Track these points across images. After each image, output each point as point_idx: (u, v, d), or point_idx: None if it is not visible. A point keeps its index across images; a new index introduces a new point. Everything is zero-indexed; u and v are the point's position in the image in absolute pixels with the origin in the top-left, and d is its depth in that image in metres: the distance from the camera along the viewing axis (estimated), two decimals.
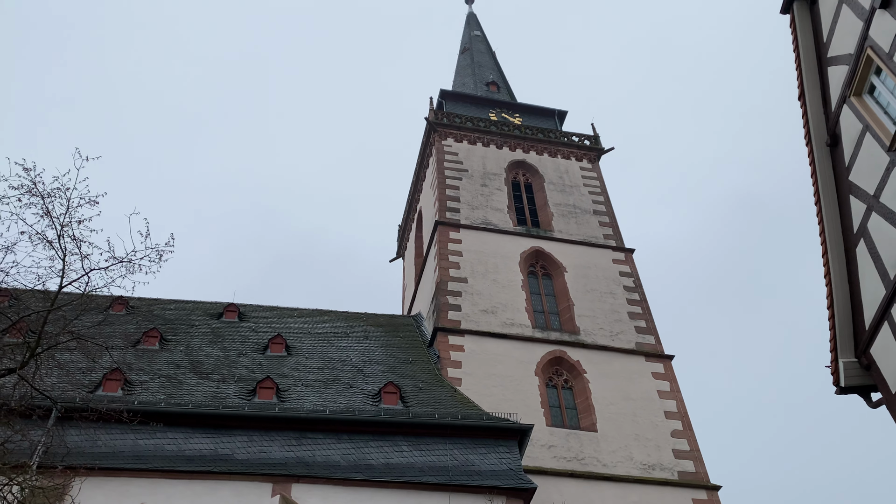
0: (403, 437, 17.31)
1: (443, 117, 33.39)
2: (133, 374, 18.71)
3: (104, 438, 15.45)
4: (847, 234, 10.50)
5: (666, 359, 24.55)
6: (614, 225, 29.87)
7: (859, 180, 10.02)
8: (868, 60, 9.65)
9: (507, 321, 24.52)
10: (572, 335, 24.71)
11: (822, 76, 11.26)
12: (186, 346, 21.50)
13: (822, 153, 11.02)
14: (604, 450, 21.28)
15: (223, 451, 16.20)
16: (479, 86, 39.58)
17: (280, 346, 22.06)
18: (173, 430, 16.17)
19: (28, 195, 10.99)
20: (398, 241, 38.92)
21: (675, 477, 20.99)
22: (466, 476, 16.53)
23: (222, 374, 19.76)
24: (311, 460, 16.34)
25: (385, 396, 18.93)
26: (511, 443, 17.60)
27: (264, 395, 18.26)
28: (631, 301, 26.52)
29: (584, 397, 22.78)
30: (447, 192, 29.49)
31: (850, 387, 10.25)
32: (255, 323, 24.29)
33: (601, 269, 27.58)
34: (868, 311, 9.88)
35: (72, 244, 11.30)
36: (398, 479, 16.20)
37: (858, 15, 9.87)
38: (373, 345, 23.66)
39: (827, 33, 11.04)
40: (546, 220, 29.57)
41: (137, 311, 23.61)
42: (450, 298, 24.79)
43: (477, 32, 45.92)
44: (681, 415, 22.82)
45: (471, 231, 27.85)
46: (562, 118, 37.06)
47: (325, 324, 25.02)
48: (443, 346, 22.99)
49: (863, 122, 9.84)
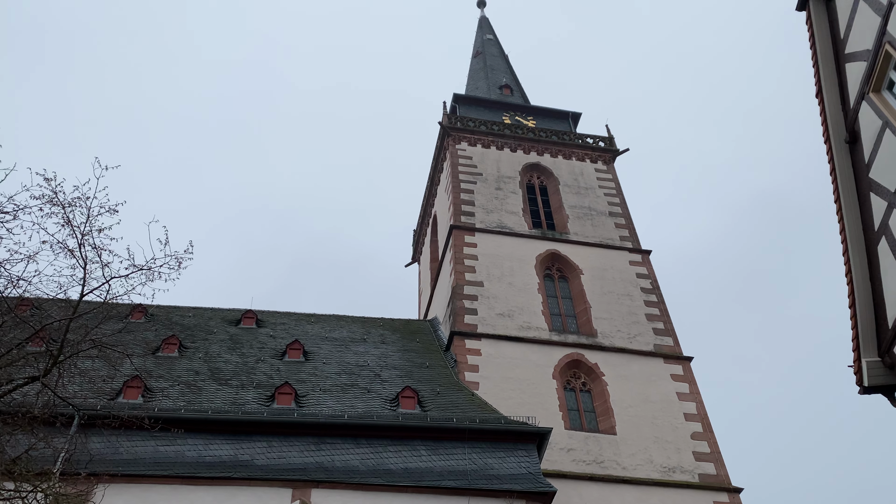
0: (422, 442, 17.31)
1: (456, 121, 33.43)
2: (153, 381, 18.87)
3: (125, 445, 15.60)
4: (868, 231, 10.36)
5: (685, 360, 24.37)
6: (630, 226, 29.72)
7: (879, 177, 9.90)
8: (887, 56, 9.54)
9: (523, 324, 24.46)
10: (590, 338, 24.60)
11: (839, 73, 11.14)
12: (205, 353, 21.65)
13: (841, 150, 10.89)
14: (623, 452, 21.14)
15: (243, 456, 16.29)
16: (493, 89, 39.60)
17: (298, 351, 22.16)
18: (193, 436, 16.27)
19: (49, 205, 11.10)
20: (413, 245, 38.97)
21: (695, 479, 20.81)
22: (485, 480, 16.49)
23: (241, 380, 19.88)
24: (330, 465, 16.38)
25: (403, 401, 18.95)
26: (530, 446, 17.54)
27: (283, 401, 18.34)
28: (648, 303, 26.37)
29: (603, 400, 22.65)
30: (462, 195, 29.50)
31: (873, 386, 10.10)
32: (272, 329, 24.42)
33: (618, 271, 27.45)
34: (891, 310, 9.74)
35: (92, 253, 11.40)
36: (417, 484, 16.19)
37: (876, 10, 9.76)
38: (390, 349, 23.71)
39: (844, 30, 10.92)
40: (561, 223, 29.48)
41: (157, 318, 23.84)
42: (466, 302, 24.78)
43: (489, 36, 45.95)
44: (700, 417, 22.62)
45: (486, 235, 27.82)
46: (576, 120, 36.98)
47: (342, 329, 25.10)
48: (459, 350, 22.97)
49: (882, 119, 9.73)
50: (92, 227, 11.34)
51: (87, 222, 11.31)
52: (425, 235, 36.34)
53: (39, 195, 11.02)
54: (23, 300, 12.39)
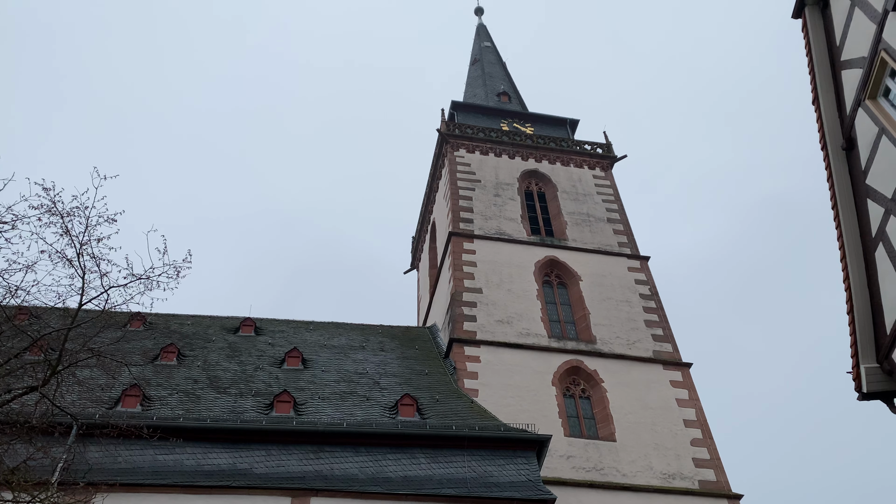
0: (421, 450, 17.27)
1: (455, 128, 33.50)
2: (151, 389, 18.84)
3: (124, 454, 15.56)
4: (865, 238, 10.38)
5: (684, 367, 24.36)
6: (629, 233, 29.76)
7: (876, 184, 9.93)
8: (882, 63, 9.57)
9: (522, 331, 24.44)
10: (589, 344, 24.59)
11: (836, 80, 11.18)
12: (204, 361, 21.62)
13: (837, 157, 10.92)
14: (623, 459, 21.11)
15: (242, 465, 16.25)
16: (491, 96, 39.70)
17: (296, 359, 22.13)
18: (192, 445, 16.23)
19: (48, 214, 11.11)
20: (412, 252, 38.98)
21: (695, 486, 20.78)
22: (485, 488, 16.46)
23: (240, 388, 19.85)
24: (329, 473, 16.34)
25: (402, 409, 18.92)
26: (529, 454, 17.50)
27: (282, 409, 18.30)
28: (647, 309, 26.38)
29: (602, 407, 22.63)
30: (460, 202, 29.54)
31: (872, 393, 10.10)
32: (271, 337, 24.39)
33: (616, 278, 27.47)
34: (889, 316, 9.75)
35: (91, 262, 11.41)
36: (416, 492, 16.15)
37: (871, 18, 9.81)
38: (389, 357, 23.67)
39: (840, 37, 10.97)
40: (560, 229, 29.52)
41: (155, 327, 23.80)
42: (465, 309, 24.77)
43: (487, 43, 46.09)
44: (700, 423, 22.60)
45: (485, 241, 27.85)
46: (573, 127, 37.07)
47: (340, 336, 25.07)
48: (459, 357, 22.96)
49: (878, 125, 9.76)
50: (90, 236, 11.36)
51: (85, 232, 11.33)
52: (424, 242, 36.37)
53: (38, 205, 11.05)
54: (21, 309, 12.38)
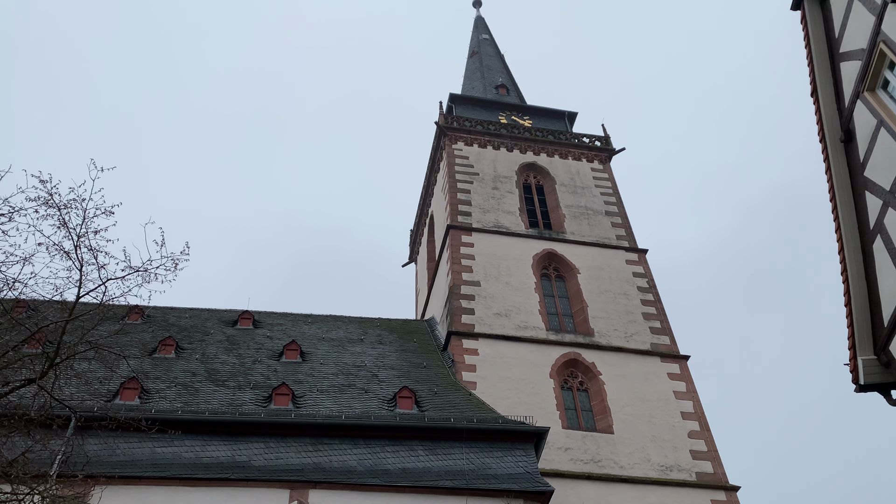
0: (419, 442, 17.32)
1: (453, 121, 33.43)
2: (150, 382, 18.84)
3: (122, 447, 15.59)
4: (863, 230, 10.39)
5: (681, 359, 24.41)
6: (627, 226, 29.75)
7: (875, 176, 9.92)
8: (881, 55, 9.56)
9: (520, 324, 24.47)
10: (587, 337, 24.63)
11: (834, 72, 11.17)
12: (202, 354, 21.63)
13: (836, 149, 10.92)
14: (620, 451, 21.17)
15: (240, 458, 16.29)
16: (489, 89, 39.61)
17: (295, 352, 22.14)
18: (190, 437, 16.26)
19: (45, 207, 11.06)
20: (410, 245, 38.97)
21: (692, 478, 20.84)
22: (483, 480, 16.51)
23: (238, 381, 19.87)
24: (327, 466, 16.39)
25: (400, 401, 18.96)
26: (527, 446, 17.56)
27: (280, 402, 18.34)
28: (645, 302, 26.41)
29: (600, 399, 22.68)
30: (459, 195, 29.50)
31: (869, 384, 10.13)
32: (269, 330, 24.40)
33: (614, 271, 27.49)
34: (886, 308, 9.77)
35: (88, 254, 11.35)
36: (415, 484, 16.21)
37: (870, 9, 9.78)
38: (387, 350, 23.71)
39: (839, 29, 10.95)
40: (558, 222, 29.51)
41: (153, 320, 23.80)
42: (463, 302, 24.78)
43: (485, 36, 45.95)
44: (697, 415, 22.66)
45: (483, 234, 27.83)
46: (572, 120, 37.01)
47: (339, 329, 25.09)
48: (457, 350, 22.98)
49: (877, 118, 9.75)
50: (88, 228, 11.30)
51: (83, 224, 11.27)
52: (422, 235, 36.35)
53: (35, 197, 10.98)
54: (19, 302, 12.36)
